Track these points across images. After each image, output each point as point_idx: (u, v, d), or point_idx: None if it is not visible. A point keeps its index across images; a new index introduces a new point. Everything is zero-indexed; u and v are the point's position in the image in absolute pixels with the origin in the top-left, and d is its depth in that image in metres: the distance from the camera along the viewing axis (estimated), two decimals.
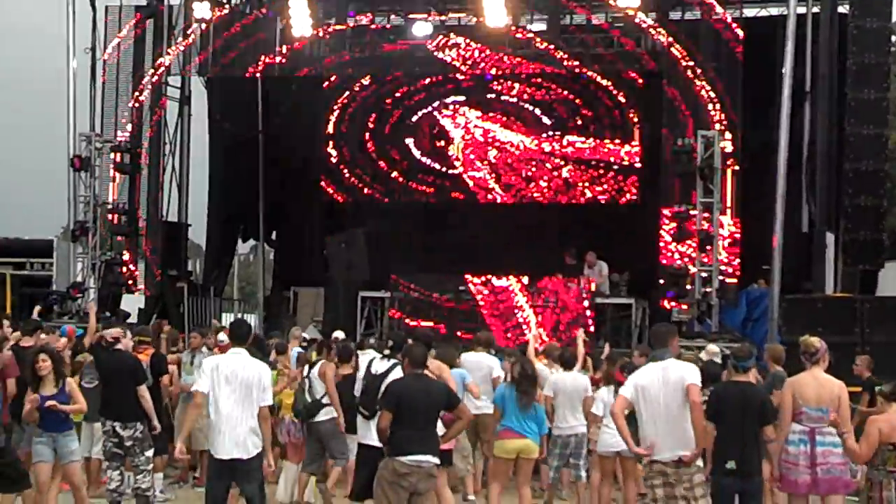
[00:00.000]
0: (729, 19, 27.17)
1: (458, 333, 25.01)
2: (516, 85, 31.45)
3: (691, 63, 27.29)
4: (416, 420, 11.95)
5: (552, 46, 29.61)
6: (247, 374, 12.36)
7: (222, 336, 18.52)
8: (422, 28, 29.47)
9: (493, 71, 30.67)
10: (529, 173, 31.51)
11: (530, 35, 29.87)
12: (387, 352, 14.63)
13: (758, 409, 12.45)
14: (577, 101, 31.24)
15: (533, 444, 15.10)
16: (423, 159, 32.21)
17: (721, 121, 26.58)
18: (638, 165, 30.58)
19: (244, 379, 12.33)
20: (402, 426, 11.91)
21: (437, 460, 12.08)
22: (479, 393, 16.52)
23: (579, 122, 31.20)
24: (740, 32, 27.02)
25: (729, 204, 25.74)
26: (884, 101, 25.60)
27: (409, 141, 32.34)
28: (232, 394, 12.30)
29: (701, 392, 11.91)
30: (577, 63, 29.76)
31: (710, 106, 26.90)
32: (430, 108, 32.23)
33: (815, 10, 27.13)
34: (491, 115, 31.80)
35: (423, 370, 12.48)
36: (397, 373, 13.57)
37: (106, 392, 15.13)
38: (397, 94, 32.44)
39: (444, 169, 32.06)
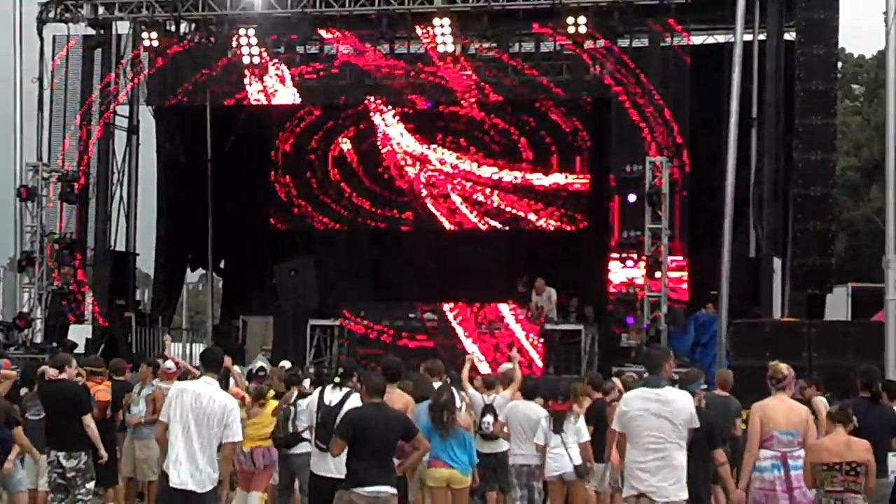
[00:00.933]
0: (676, 46, 27.31)
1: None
2: (465, 113, 31.40)
3: (639, 90, 27.40)
4: (374, 450, 11.75)
5: (500, 73, 29.64)
6: (212, 406, 11.88)
7: (168, 364, 18.37)
8: (371, 57, 29.41)
9: (442, 98, 30.61)
10: (478, 201, 31.47)
11: (478, 64, 29.85)
12: (337, 380, 14.45)
13: (706, 434, 12.41)
14: (526, 128, 31.27)
15: (459, 473, 14.84)
16: (372, 187, 32.14)
17: (669, 147, 26.70)
18: (586, 192, 30.59)
19: (209, 412, 11.88)
20: (358, 457, 11.73)
21: (394, 490, 11.89)
22: None
23: (528, 150, 31.22)
24: (688, 60, 27.19)
25: (677, 229, 25.84)
26: (831, 126, 25.77)
27: (358, 169, 32.27)
28: (194, 424, 11.88)
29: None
30: (525, 91, 29.80)
31: (658, 133, 27.01)
32: (378, 136, 32.17)
33: (762, 37, 27.30)
34: (440, 143, 31.77)
35: (380, 399, 12.25)
36: (354, 401, 13.35)
37: (50, 422, 14.80)
38: (345, 122, 32.37)
39: (392, 197, 32.05)
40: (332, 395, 13.84)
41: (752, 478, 12.60)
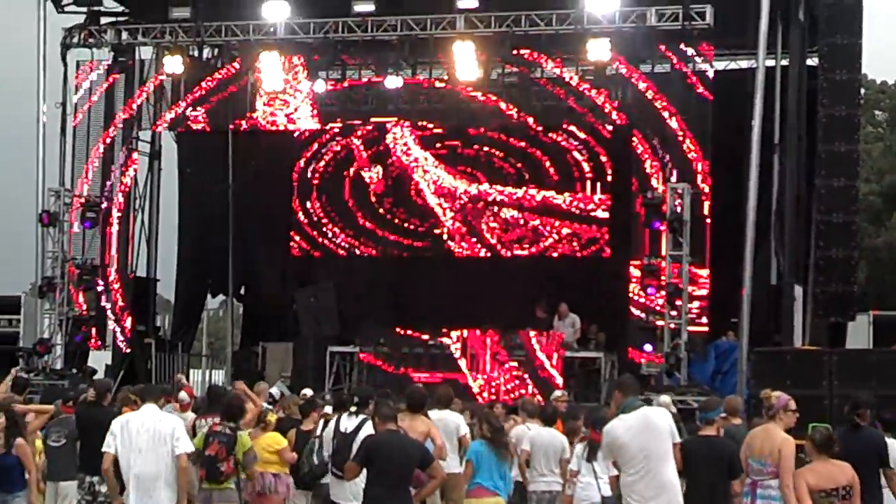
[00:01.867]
0: (699, 72, 27.25)
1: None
2: (486, 138, 31.33)
3: (661, 116, 27.35)
4: (390, 477, 11.76)
5: (522, 99, 29.65)
6: (159, 426, 12.28)
7: (183, 395, 18.35)
8: (393, 82, 29.40)
9: (463, 123, 30.60)
10: (501, 226, 31.35)
11: (500, 89, 29.85)
12: (353, 408, 14.42)
13: (727, 463, 12.34)
14: (548, 154, 31.14)
15: (503, 501, 14.90)
16: (393, 212, 32.03)
17: (691, 173, 26.62)
18: (608, 218, 30.43)
19: (160, 432, 12.25)
20: (375, 484, 11.74)
21: None
22: (447, 452, 16.23)
23: (549, 175, 31.10)
24: (710, 85, 27.12)
25: (698, 256, 25.74)
26: (854, 153, 25.66)
27: (379, 194, 32.18)
28: (146, 449, 12.21)
29: None
30: (547, 116, 29.77)
31: (680, 158, 26.95)
32: (399, 161, 32.10)
33: (784, 62, 27.23)
34: (460, 168, 31.67)
35: (394, 425, 12.30)
36: (368, 428, 13.37)
37: (85, 448, 14.79)
38: (366, 147, 32.32)
39: (413, 222, 31.87)
40: (348, 423, 13.87)
41: None
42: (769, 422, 12.80)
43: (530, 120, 29.88)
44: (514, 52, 28.23)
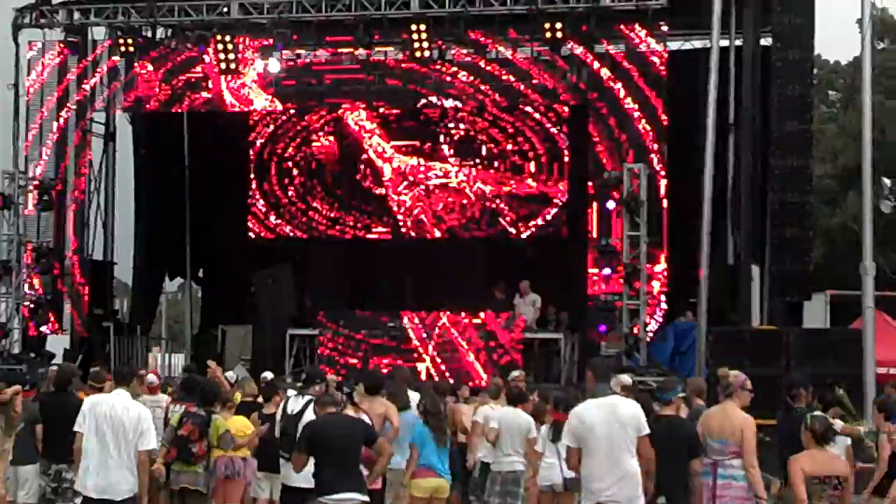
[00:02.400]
0: (653, 52, 27.34)
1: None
2: (442, 119, 31.32)
3: (616, 96, 27.45)
4: (337, 458, 11.74)
5: (477, 79, 29.67)
6: (127, 416, 12.17)
7: (151, 377, 18.35)
8: (347, 62, 29.38)
9: (419, 104, 30.59)
10: (456, 208, 31.31)
11: (455, 69, 29.87)
12: (300, 385, 14.42)
13: (686, 444, 12.44)
14: (504, 134, 31.14)
15: (446, 483, 14.90)
16: (349, 194, 31.91)
17: (646, 153, 26.71)
18: (566, 199, 30.45)
19: (125, 421, 12.14)
20: (323, 467, 11.74)
21: (366, 498, 11.88)
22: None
23: (506, 156, 31.11)
24: (664, 65, 27.22)
25: (655, 237, 25.84)
26: (808, 132, 25.78)
27: (335, 176, 32.07)
28: (111, 434, 12.12)
29: None
30: (502, 96, 29.80)
31: (636, 139, 27.05)
32: (354, 143, 32.00)
33: (738, 42, 27.33)
34: (417, 148, 31.60)
35: (333, 408, 12.31)
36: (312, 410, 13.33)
37: (50, 435, 14.67)
38: (322, 129, 32.22)
39: (369, 204, 31.77)
40: (295, 404, 13.80)
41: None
42: (727, 400, 12.87)
43: (485, 100, 29.89)
44: (468, 32, 28.11)
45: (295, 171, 32.40)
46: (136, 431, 12.14)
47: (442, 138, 31.44)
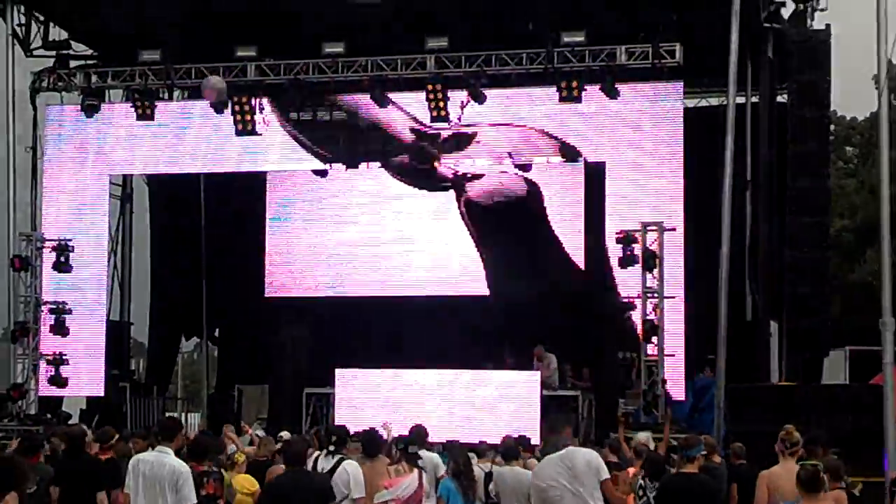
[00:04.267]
0: (670, 109, 27.36)
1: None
2: (460, 178, 31.31)
3: (633, 153, 27.44)
4: None
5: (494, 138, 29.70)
6: (161, 472, 12.10)
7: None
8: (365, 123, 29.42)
9: (435, 164, 30.55)
10: (471, 265, 31.23)
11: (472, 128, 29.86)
12: (331, 448, 14.37)
13: (708, 500, 12.33)
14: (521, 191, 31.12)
15: None
16: (362, 250, 31.81)
17: (664, 210, 26.68)
18: (583, 255, 30.35)
19: (159, 476, 12.07)
20: None
21: None
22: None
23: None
24: (681, 122, 27.23)
25: (673, 293, 25.76)
26: (824, 189, 25.78)
27: (349, 232, 31.98)
28: (149, 493, 12.06)
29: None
30: (520, 154, 29.77)
31: (653, 195, 27.03)
32: (369, 200, 31.97)
33: (754, 100, 27.38)
34: (428, 209, 31.56)
35: (300, 466, 12.31)
36: (345, 468, 13.32)
37: (63, 497, 14.52)
38: (334, 187, 32.18)
39: (383, 262, 31.65)
40: (325, 463, 13.78)
41: None
42: (789, 459, 12.69)
43: (502, 157, 29.80)
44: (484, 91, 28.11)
45: (308, 231, 32.26)
46: (173, 488, 12.05)
47: (456, 197, 31.42)
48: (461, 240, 31.21)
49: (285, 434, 20.00)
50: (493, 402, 26.64)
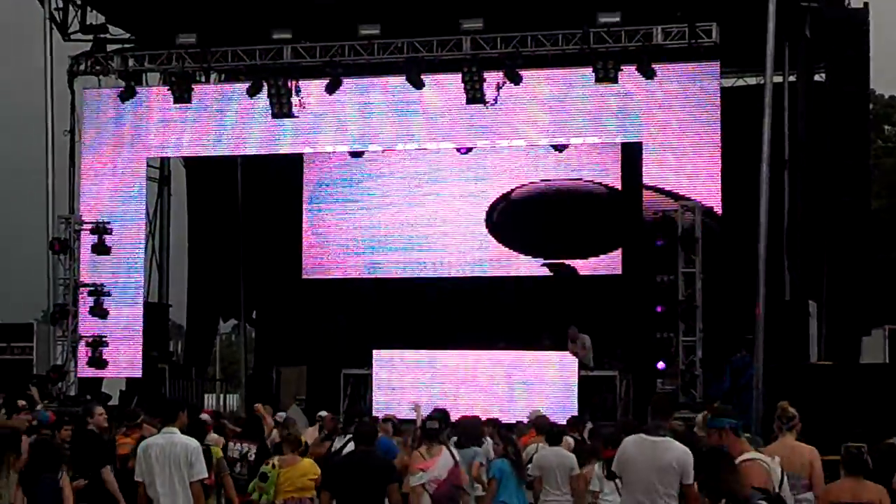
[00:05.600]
0: (707, 89, 27.23)
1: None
2: (495, 154, 31.30)
3: (670, 132, 27.34)
4: (355, 498, 11.83)
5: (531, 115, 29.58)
6: (175, 451, 12.22)
7: (205, 416, 18.31)
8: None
9: (473, 142, 30.47)
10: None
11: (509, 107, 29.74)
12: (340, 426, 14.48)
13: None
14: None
15: None
16: (399, 232, 31.84)
17: (702, 190, 26.60)
18: (620, 235, 30.29)
19: (173, 456, 12.19)
20: None
21: None
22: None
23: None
24: (719, 102, 27.10)
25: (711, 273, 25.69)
26: (864, 167, 25.64)
27: (386, 213, 32.02)
28: (165, 474, 12.18)
29: None
30: (556, 132, 29.64)
31: (691, 175, 26.94)
32: (406, 180, 32.01)
33: (792, 78, 27.23)
34: (464, 190, 31.56)
35: (369, 446, 12.34)
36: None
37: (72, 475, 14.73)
38: (373, 168, 32.23)
39: (420, 243, 31.69)
40: (339, 442, 13.87)
41: None
42: (787, 434, 12.68)
43: (538, 136, 29.70)
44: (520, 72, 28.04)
45: (347, 211, 32.34)
46: (187, 463, 12.19)
47: (496, 174, 31.44)
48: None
49: (323, 413, 20.08)
50: (529, 383, 26.67)
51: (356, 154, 31.78)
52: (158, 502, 12.20)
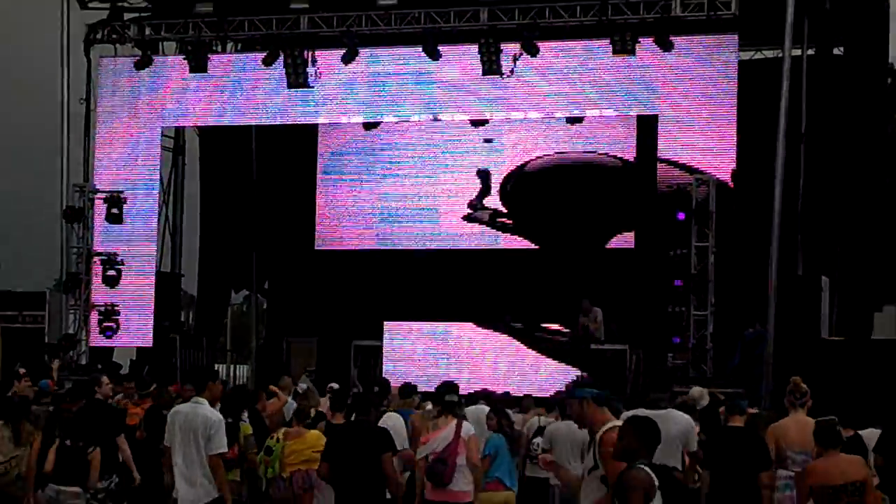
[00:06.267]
0: (725, 61, 27.09)
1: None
2: (512, 128, 31.19)
3: (687, 105, 27.22)
4: (348, 468, 12.00)
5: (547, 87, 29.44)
6: (195, 422, 12.20)
7: None
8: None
9: (489, 113, 30.33)
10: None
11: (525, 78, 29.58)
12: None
13: (755, 455, 12.22)
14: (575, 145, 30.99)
15: (513, 494, 14.76)
16: (412, 203, 31.76)
17: (717, 163, 26.48)
18: (633, 208, 30.15)
19: (193, 426, 12.18)
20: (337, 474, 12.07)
21: None
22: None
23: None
24: (736, 75, 26.96)
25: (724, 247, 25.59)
26: (881, 141, 25.49)
27: (399, 185, 31.93)
28: (184, 442, 12.18)
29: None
30: (572, 104, 29.49)
31: (706, 148, 26.83)
32: (420, 152, 31.92)
33: (810, 52, 27.06)
34: (477, 161, 31.46)
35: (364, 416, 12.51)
36: (386, 422, 13.42)
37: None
38: (387, 139, 32.14)
39: (432, 215, 31.60)
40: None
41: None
42: (798, 410, 12.61)
43: (553, 108, 29.56)
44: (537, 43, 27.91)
45: (357, 183, 32.26)
46: (205, 435, 12.16)
47: (511, 145, 31.36)
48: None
49: (334, 385, 20.03)
50: (539, 356, 26.63)
51: (370, 125, 31.69)
52: (177, 470, 12.22)
